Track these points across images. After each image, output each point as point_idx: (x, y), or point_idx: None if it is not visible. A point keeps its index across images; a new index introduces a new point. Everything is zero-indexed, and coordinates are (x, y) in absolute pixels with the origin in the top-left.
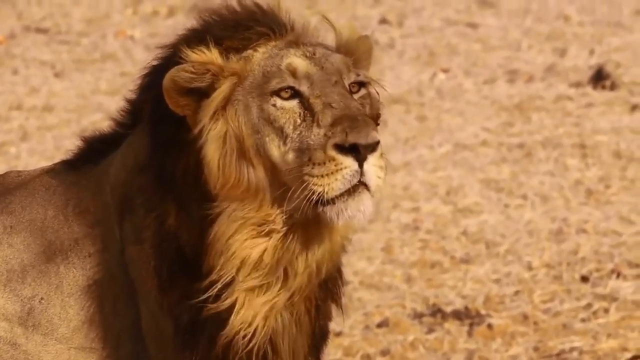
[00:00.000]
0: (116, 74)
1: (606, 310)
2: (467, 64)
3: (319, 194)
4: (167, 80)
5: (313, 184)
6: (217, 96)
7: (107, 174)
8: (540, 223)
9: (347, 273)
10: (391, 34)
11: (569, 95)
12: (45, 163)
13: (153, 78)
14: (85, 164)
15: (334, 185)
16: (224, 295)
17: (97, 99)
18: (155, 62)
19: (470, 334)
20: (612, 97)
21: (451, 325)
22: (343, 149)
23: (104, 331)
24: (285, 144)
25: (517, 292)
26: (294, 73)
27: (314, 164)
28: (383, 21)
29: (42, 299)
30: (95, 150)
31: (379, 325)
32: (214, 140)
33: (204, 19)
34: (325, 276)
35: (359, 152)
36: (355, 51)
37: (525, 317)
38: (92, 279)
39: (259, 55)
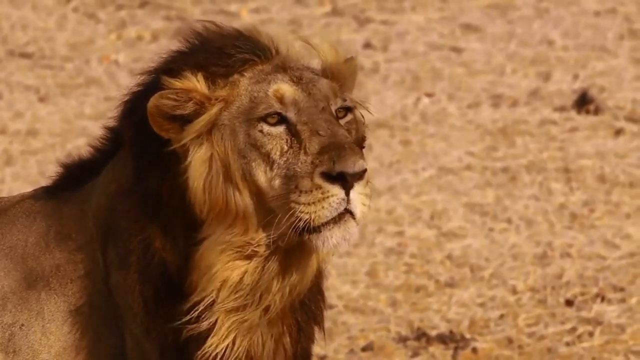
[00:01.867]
0: (100, 98)
1: (591, 334)
2: (451, 89)
3: (305, 221)
4: (151, 105)
5: (300, 212)
6: (202, 121)
7: (88, 201)
8: (524, 247)
9: (332, 297)
10: (375, 58)
11: (553, 119)
12: (30, 187)
13: (135, 104)
14: (66, 190)
15: (320, 213)
16: (204, 316)
17: (82, 124)
18: (136, 88)
19: (455, 357)
20: (597, 122)
21: (436, 349)
22: (330, 177)
23: (86, 357)
24: (271, 169)
25: (501, 316)
26: (281, 99)
27: (300, 191)
28: (367, 46)
29: (22, 325)
30: (75, 176)
31: (364, 349)
32: (199, 164)
33: (187, 42)
34: (300, 297)
35: (345, 181)
36: (341, 74)
37: (510, 341)
38: (74, 305)
39: (246, 81)
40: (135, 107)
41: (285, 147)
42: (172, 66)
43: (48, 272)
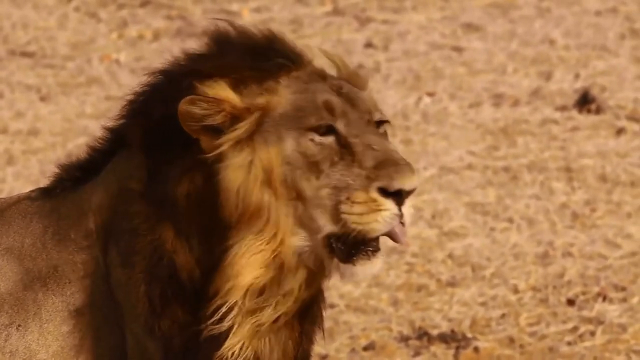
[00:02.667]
0: (101, 97)
1: (592, 334)
2: (452, 88)
3: (358, 231)
4: (182, 111)
5: (352, 222)
6: (241, 128)
7: (88, 202)
8: (526, 246)
9: (333, 296)
10: (376, 57)
11: (555, 118)
12: (31, 187)
13: (149, 104)
14: (63, 191)
15: (374, 226)
16: (227, 317)
17: (83, 123)
18: (149, 88)
19: (456, 357)
20: (598, 121)
21: (437, 348)
22: (386, 192)
23: (85, 356)
24: (317, 179)
25: (503, 315)
26: (331, 111)
27: (353, 202)
28: (368, 45)
29: (19, 325)
30: (72, 177)
31: (365, 349)
32: (237, 168)
33: (214, 42)
34: (311, 300)
35: (400, 197)
36: (357, 85)
37: (511, 340)
38: (73, 305)
39: (284, 88)
40: (149, 107)
41: (336, 158)
42: (199, 67)
43: (45, 273)
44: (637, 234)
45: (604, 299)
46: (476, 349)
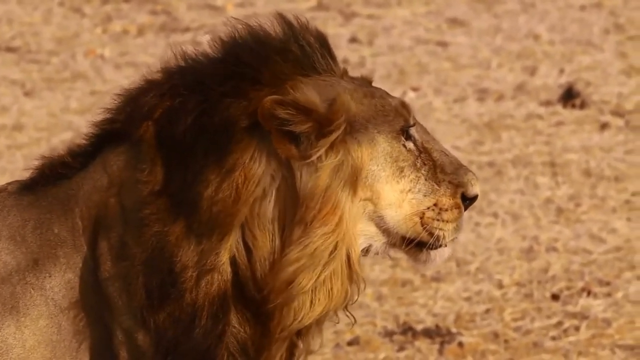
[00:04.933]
0: (86, 92)
1: (577, 329)
2: (437, 83)
3: (439, 237)
4: (265, 108)
5: (436, 228)
6: (334, 135)
7: (75, 197)
8: (510, 241)
9: None
10: (361, 52)
11: (539, 113)
12: None
13: (164, 102)
14: (44, 185)
15: (451, 232)
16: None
17: (68, 118)
18: (156, 84)
19: (441, 352)
20: (582, 116)
21: (422, 343)
22: (465, 198)
23: (62, 352)
24: (398, 183)
25: (487, 311)
26: (410, 112)
27: (440, 209)
28: (353, 40)
29: None
30: (54, 172)
31: (350, 344)
32: (329, 170)
33: (254, 42)
34: None
35: (470, 203)
36: None
37: (496, 335)
38: (52, 299)
39: (349, 91)
40: (168, 105)
41: (419, 164)
42: (250, 71)
43: (24, 266)
44: (621, 228)
45: (589, 293)
46: (460, 344)
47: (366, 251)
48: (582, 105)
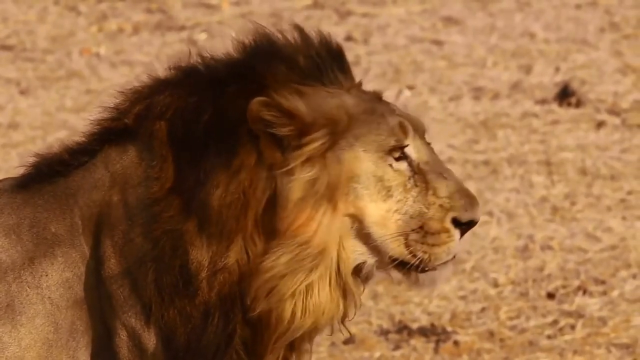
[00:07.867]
0: (81, 91)
1: (572, 327)
2: (432, 81)
3: (423, 260)
4: (252, 109)
5: (420, 250)
6: (314, 144)
7: (74, 196)
8: (506, 240)
9: None
10: (356, 51)
11: (535, 112)
12: None
13: (178, 101)
14: (38, 182)
15: (440, 255)
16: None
17: (63, 116)
18: (166, 84)
19: (436, 350)
20: (578, 114)
21: (417, 342)
22: (458, 223)
23: (58, 350)
24: (384, 202)
25: (483, 309)
26: (406, 133)
27: (426, 232)
28: (348, 38)
29: None
30: (50, 170)
31: (345, 342)
32: (302, 183)
33: (263, 46)
34: None
35: (468, 227)
36: None
37: (491, 333)
38: (49, 298)
39: (350, 106)
40: (181, 104)
41: (408, 185)
42: (256, 75)
43: (20, 264)
44: (617, 227)
45: (584, 292)
46: (456, 343)
47: (362, 269)
48: (578, 104)
